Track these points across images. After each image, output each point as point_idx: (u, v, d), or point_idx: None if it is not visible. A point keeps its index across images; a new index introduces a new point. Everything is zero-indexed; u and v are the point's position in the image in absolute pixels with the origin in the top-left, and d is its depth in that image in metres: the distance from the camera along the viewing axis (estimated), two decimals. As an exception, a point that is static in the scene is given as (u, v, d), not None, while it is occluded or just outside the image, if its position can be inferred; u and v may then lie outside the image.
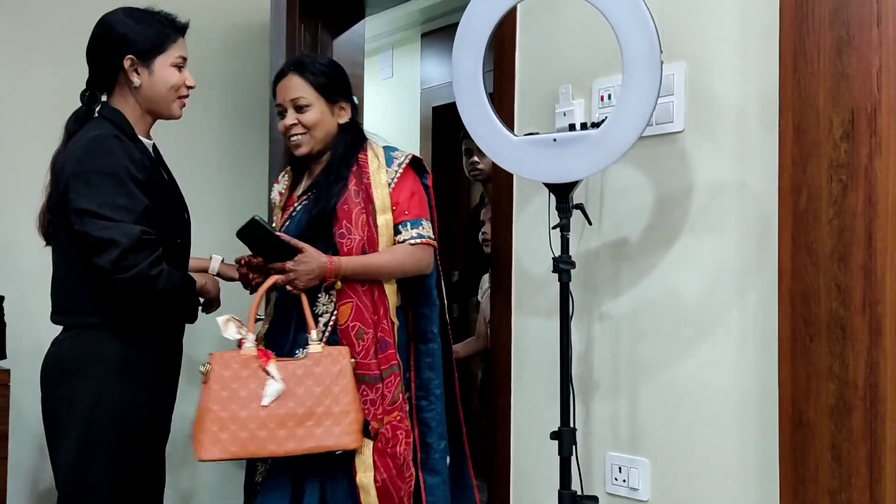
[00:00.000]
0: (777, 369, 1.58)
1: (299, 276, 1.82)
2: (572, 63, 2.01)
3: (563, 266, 1.70)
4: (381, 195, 1.93)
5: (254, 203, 2.88)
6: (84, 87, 1.83)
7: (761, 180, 1.66)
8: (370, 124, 3.61)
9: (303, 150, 1.95)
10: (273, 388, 1.74)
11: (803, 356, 1.52)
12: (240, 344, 1.78)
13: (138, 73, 1.77)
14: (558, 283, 1.71)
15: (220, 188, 2.95)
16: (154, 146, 1.88)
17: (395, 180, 1.95)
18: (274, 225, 2.02)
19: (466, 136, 2.90)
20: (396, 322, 1.94)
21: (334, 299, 1.88)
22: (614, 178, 1.91)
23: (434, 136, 4.40)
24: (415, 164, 2.02)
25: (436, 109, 4.45)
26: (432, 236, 1.97)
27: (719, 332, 1.72)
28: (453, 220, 4.02)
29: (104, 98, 1.83)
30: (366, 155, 1.98)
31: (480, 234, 2.72)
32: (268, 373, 1.75)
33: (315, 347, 1.80)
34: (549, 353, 2.00)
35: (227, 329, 1.77)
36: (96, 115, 1.79)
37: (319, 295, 1.89)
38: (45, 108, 2.52)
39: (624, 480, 1.86)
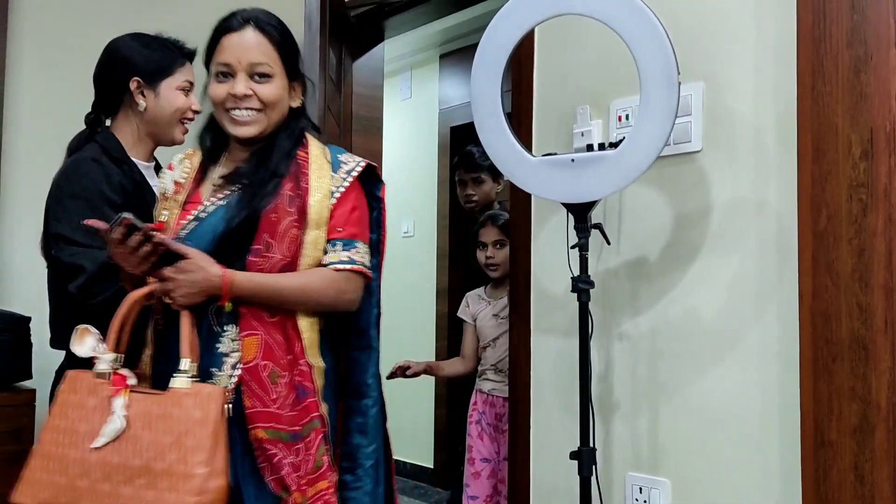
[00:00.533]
0: (799, 389, 1.57)
1: (178, 287, 1.44)
2: (590, 83, 2.02)
3: (582, 286, 1.70)
4: (319, 207, 1.54)
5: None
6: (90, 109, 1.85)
7: (780, 199, 1.66)
8: (389, 145, 3.64)
9: (250, 132, 1.56)
10: (112, 426, 1.34)
11: (825, 376, 1.51)
12: (93, 362, 1.44)
13: (144, 96, 1.79)
14: (577, 303, 1.72)
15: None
16: (156, 167, 1.88)
17: (341, 192, 1.57)
18: (166, 223, 1.58)
19: (459, 166, 2.99)
20: (320, 364, 1.54)
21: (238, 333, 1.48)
22: (633, 197, 1.91)
23: (452, 156, 4.43)
24: (366, 173, 1.64)
25: (454, 129, 4.48)
26: (366, 264, 1.58)
27: (740, 351, 1.71)
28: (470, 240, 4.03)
29: (108, 122, 1.84)
30: (307, 153, 1.60)
31: (486, 257, 2.63)
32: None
33: (181, 382, 1.38)
34: (568, 372, 2.00)
35: (81, 342, 1.45)
36: (93, 139, 1.80)
37: (226, 329, 1.49)
38: (61, 127, 2.56)
39: (645, 501, 1.85)
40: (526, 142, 2.07)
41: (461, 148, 4.26)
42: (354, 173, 1.61)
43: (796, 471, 1.58)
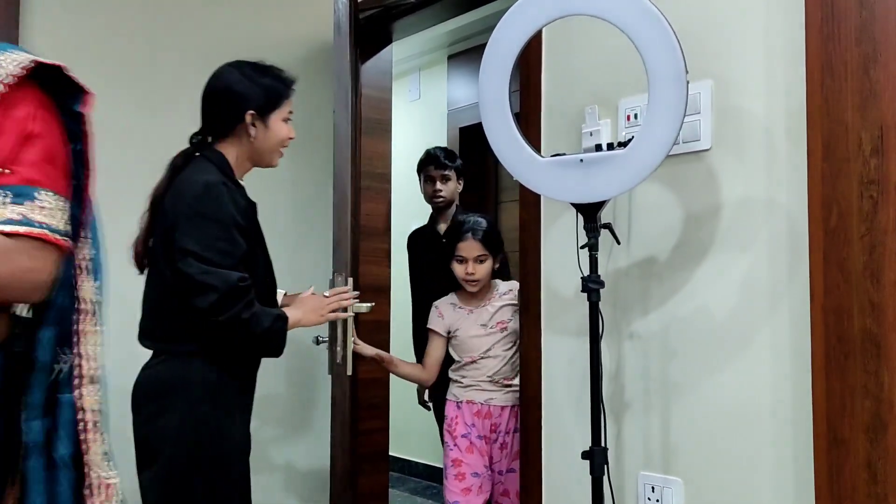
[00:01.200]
0: (811, 387, 1.56)
1: None
2: (598, 83, 2.02)
3: (592, 285, 1.70)
4: None
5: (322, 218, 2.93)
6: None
7: (790, 197, 1.65)
8: (398, 146, 3.65)
9: None
10: None
11: (837, 374, 1.51)
12: None
13: (255, 127, 1.91)
14: (587, 303, 1.72)
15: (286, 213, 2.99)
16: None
17: None
18: None
19: (427, 165, 3.15)
20: None
21: None
22: (642, 196, 1.91)
23: (461, 156, 4.43)
24: (42, 75, 1.08)
25: (462, 130, 4.49)
26: (58, 227, 1.06)
27: (751, 349, 1.71)
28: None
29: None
30: None
31: (466, 273, 2.46)
32: None
33: None
34: (579, 372, 2.00)
35: None
36: (199, 154, 1.92)
37: None
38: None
39: (657, 500, 1.85)
40: (534, 142, 2.07)
41: (470, 149, 4.28)
42: (13, 78, 1.03)
43: (809, 469, 1.57)
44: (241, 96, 1.90)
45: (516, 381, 2.41)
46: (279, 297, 2.08)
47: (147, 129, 2.72)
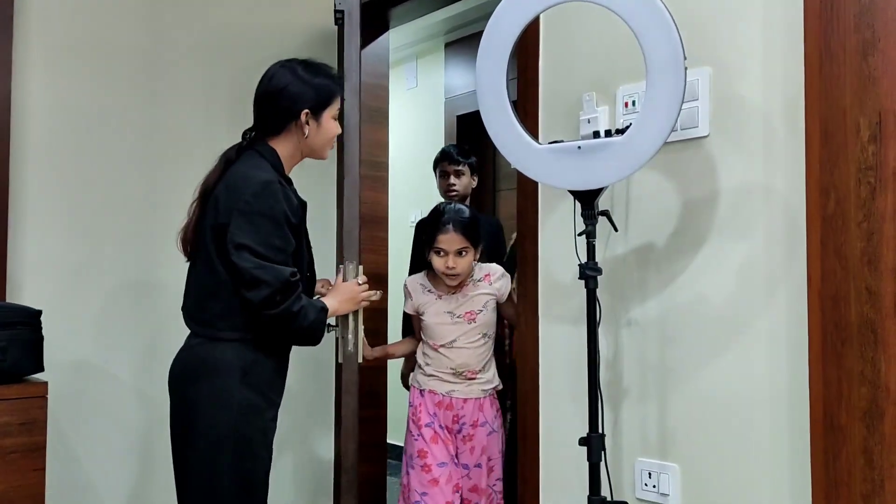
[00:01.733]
0: (808, 373, 1.57)
1: None
2: (596, 70, 2.02)
3: (589, 273, 1.70)
4: None
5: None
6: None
7: (788, 184, 1.65)
8: (395, 134, 3.64)
9: None
10: None
11: (834, 360, 1.51)
12: None
13: (309, 125, 1.97)
14: (585, 290, 1.72)
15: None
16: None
17: None
18: None
19: (442, 160, 3.23)
20: None
21: None
22: (640, 183, 1.91)
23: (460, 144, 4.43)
24: None
25: (460, 118, 4.48)
26: None
27: (748, 336, 1.71)
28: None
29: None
30: None
31: (446, 266, 2.33)
32: None
33: None
34: (576, 359, 2.00)
35: None
36: (252, 149, 1.98)
37: None
38: (71, 123, 2.58)
39: (654, 486, 1.86)
40: (532, 129, 2.06)
41: (468, 137, 4.27)
42: None
43: (805, 455, 1.58)
44: (296, 96, 1.96)
45: (484, 374, 2.36)
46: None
47: (147, 118, 2.72)
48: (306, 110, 1.96)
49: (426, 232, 2.45)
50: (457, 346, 2.35)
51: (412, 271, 3.36)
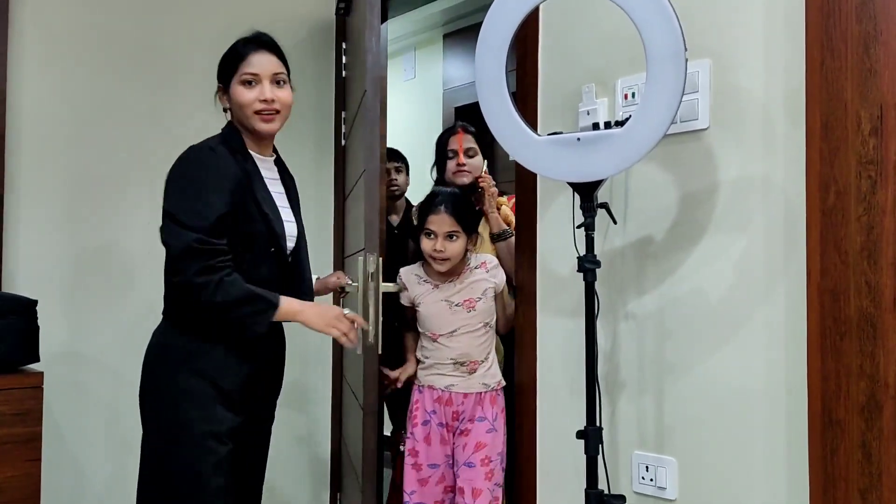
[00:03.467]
0: (806, 367, 1.56)
1: None
2: (595, 61, 2.01)
3: (588, 265, 1.70)
4: None
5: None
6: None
7: (788, 177, 1.64)
8: (393, 126, 3.62)
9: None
10: None
11: (833, 354, 1.51)
12: None
13: (224, 99, 1.92)
14: (583, 283, 1.71)
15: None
16: (277, 161, 2.00)
17: None
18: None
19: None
20: None
21: None
22: (639, 176, 1.90)
23: (457, 136, 4.41)
24: None
25: (458, 110, 4.46)
26: None
27: (747, 330, 1.71)
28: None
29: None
30: None
31: (434, 249, 2.24)
32: None
33: None
34: (574, 352, 2.00)
35: None
36: None
37: None
38: (65, 114, 2.56)
39: (651, 479, 1.86)
40: (531, 121, 2.05)
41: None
42: None
43: (803, 449, 1.58)
44: (217, 74, 1.92)
45: (485, 366, 2.24)
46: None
47: (144, 108, 2.70)
48: (219, 85, 1.92)
49: (419, 215, 2.36)
50: (457, 335, 2.24)
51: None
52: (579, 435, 1.71)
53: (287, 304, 1.83)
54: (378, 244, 2.09)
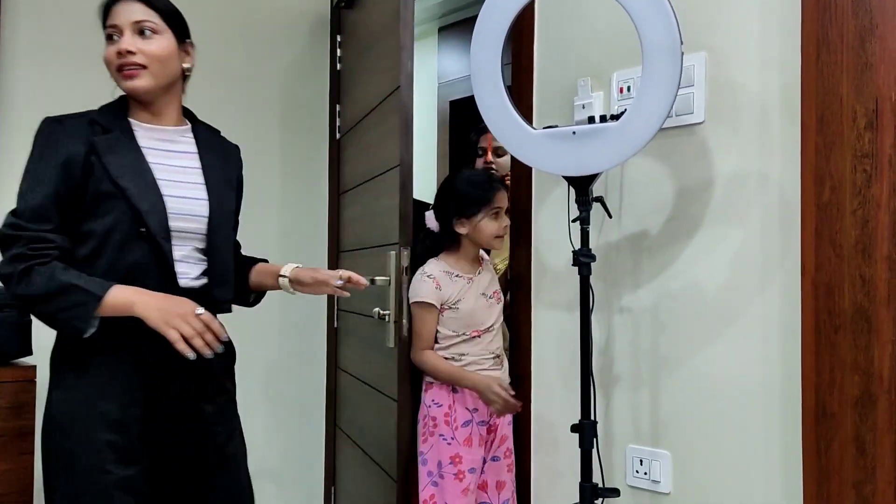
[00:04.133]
0: (800, 361, 1.57)
1: None
2: (591, 55, 2.00)
3: (583, 259, 1.70)
4: None
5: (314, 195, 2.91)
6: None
7: (783, 171, 1.64)
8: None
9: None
10: None
11: (827, 348, 1.51)
12: None
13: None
14: (578, 277, 1.71)
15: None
16: (196, 130, 1.75)
17: None
18: None
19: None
20: None
21: None
22: (634, 170, 1.90)
23: (451, 130, 4.40)
24: None
25: (453, 104, 4.45)
26: None
27: (741, 323, 1.71)
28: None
29: None
30: None
31: (502, 228, 2.13)
32: None
33: None
34: (569, 346, 2.00)
35: None
36: None
37: None
38: (59, 106, 2.53)
39: (645, 473, 1.86)
40: (526, 115, 2.05)
41: (461, 122, 4.24)
42: None
43: (797, 443, 1.58)
44: None
45: (506, 356, 2.21)
46: (288, 270, 1.78)
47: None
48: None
49: (467, 199, 2.10)
50: (495, 328, 2.11)
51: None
52: (574, 428, 1.71)
53: (118, 293, 1.50)
54: (410, 239, 2.10)
